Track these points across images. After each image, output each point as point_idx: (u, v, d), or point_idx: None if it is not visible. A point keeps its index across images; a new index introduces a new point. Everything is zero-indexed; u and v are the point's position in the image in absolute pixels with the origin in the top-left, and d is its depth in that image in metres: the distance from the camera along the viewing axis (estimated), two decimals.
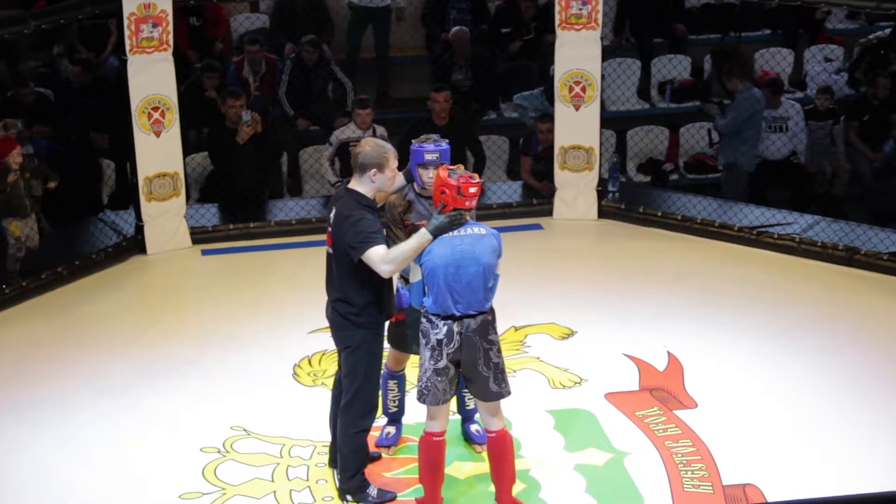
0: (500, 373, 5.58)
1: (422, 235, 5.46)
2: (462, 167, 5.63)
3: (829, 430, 6.52)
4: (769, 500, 5.83)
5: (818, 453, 6.29)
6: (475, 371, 5.53)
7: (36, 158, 8.88)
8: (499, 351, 5.59)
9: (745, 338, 7.58)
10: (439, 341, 5.50)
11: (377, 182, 5.60)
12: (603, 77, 9.63)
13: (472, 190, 5.49)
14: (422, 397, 5.60)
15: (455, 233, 5.48)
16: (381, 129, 9.73)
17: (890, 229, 8.94)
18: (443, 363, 5.51)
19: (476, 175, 5.57)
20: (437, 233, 5.44)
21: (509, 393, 5.65)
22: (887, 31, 11.80)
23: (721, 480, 6.04)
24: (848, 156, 10.41)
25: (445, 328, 5.49)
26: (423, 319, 5.57)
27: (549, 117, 9.66)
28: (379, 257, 5.45)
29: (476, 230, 5.52)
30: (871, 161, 10.34)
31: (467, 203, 5.50)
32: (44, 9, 9.00)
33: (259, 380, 7.14)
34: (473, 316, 5.49)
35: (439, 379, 5.53)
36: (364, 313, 5.62)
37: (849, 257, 8.71)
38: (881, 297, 8.22)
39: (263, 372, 7.23)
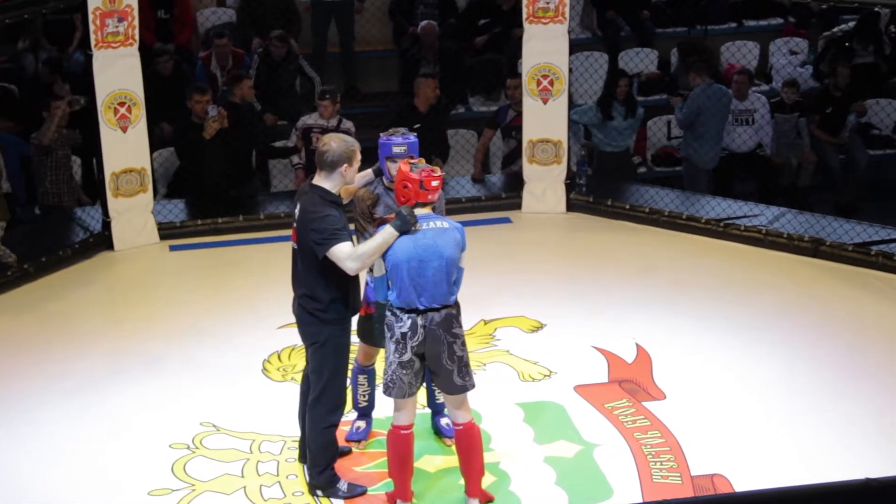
0: (464, 366, 5.59)
1: (387, 232, 5.46)
2: (423, 161, 5.64)
3: (797, 420, 6.57)
4: (737, 490, 5.87)
5: (786, 443, 6.34)
6: (439, 364, 5.54)
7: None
8: (463, 344, 5.60)
9: (713, 329, 7.63)
10: (403, 334, 5.51)
11: (347, 176, 5.60)
12: (570, 70, 9.66)
13: (435, 183, 5.50)
14: (387, 390, 5.61)
15: (418, 227, 5.48)
16: (348, 124, 9.73)
17: (854, 221, 9.01)
18: (407, 356, 5.52)
19: (438, 168, 5.59)
20: (402, 229, 5.45)
21: (473, 386, 5.66)
22: (851, 24, 11.89)
23: (690, 471, 6.07)
24: (814, 147, 10.49)
25: (409, 322, 5.49)
26: (388, 313, 5.58)
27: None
28: (345, 254, 5.44)
29: (439, 224, 5.53)
30: (838, 151, 10.42)
31: (430, 196, 5.51)
32: (7, 3, 8.94)
33: (228, 375, 7.12)
34: (437, 309, 5.50)
35: (404, 372, 5.54)
36: (330, 309, 5.62)
37: (814, 248, 8.78)
38: (846, 288, 8.29)
39: (233, 367, 7.22)
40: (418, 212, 5.51)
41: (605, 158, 10.17)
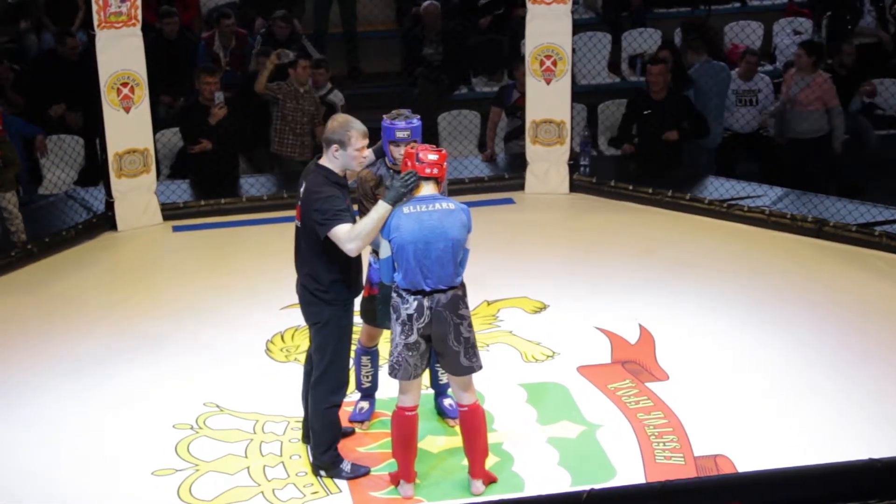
0: (470, 347, 5.59)
1: (381, 207, 5.45)
2: (433, 146, 5.63)
3: (800, 400, 6.57)
4: (740, 470, 5.88)
5: (788, 424, 6.34)
6: (445, 346, 5.55)
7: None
8: (469, 325, 5.60)
9: (716, 310, 7.62)
10: (409, 316, 5.51)
11: (340, 159, 5.56)
12: (574, 51, 9.63)
13: (431, 157, 5.48)
14: (393, 372, 5.62)
15: (423, 208, 5.47)
16: (339, 96, 9.80)
17: (858, 201, 9.00)
18: (413, 338, 5.53)
19: (434, 146, 5.58)
20: (395, 201, 5.44)
21: (480, 367, 5.67)
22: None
23: (692, 451, 6.08)
24: None
25: (415, 303, 5.49)
26: (394, 294, 5.57)
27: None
28: (343, 235, 5.43)
29: (445, 205, 5.52)
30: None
31: (427, 171, 5.48)
32: None
33: (232, 356, 7.13)
34: (443, 291, 5.50)
35: (410, 353, 5.54)
36: (332, 290, 5.62)
37: (818, 229, 8.77)
38: (850, 269, 8.28)
39: (236, 348, 7.22)
40: (424, 192, 5.50)
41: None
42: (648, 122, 9.49)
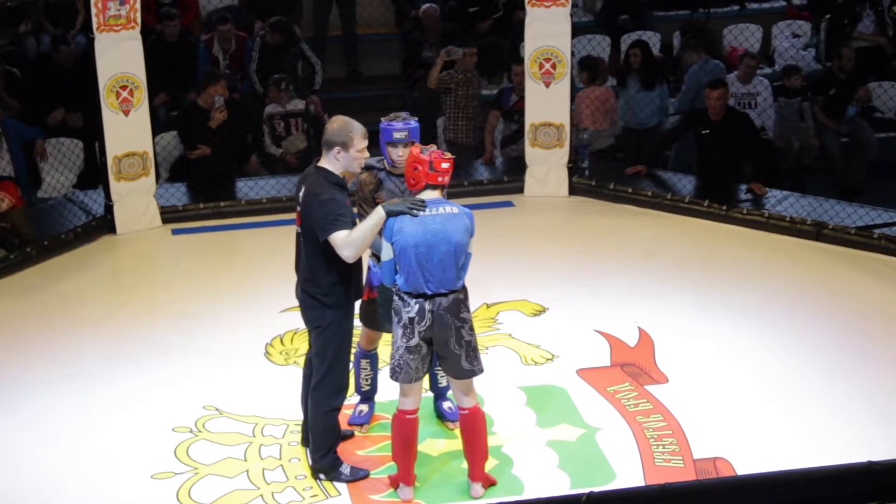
0: (472, 351, 5.60)
1: (377, 214, 5.45)
2: (434, 146, 5.64)
3: (799, 403, 6.57)
4: (739, 473, 5.88)
5: (788, 426, 6.35)
6: (447, 349, 5.55)
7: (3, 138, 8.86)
8: (471, 329, 5.60)
9: (715, 312, 7.63)
10: (411, 319, 5.51)
11: (342, 160, 5.57)
12: (573, 54, 9.64)
13: (445, 165, 5.50)
14: (394, 375, 5.61)
15: (427, 211, 5.48)
16: (311, 105, 9.88)
17: (857, 204, 9.01)
18: (415, 341, 5.52)
19: (448, 153, 5.58)
20: (393, 212, 5.45)
21: (482, 371, 5.67)
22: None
23: (692, 454, 6.08)
24: (815, 132, 10.46)
25: (417, 306, 5.50)
26: (395, 297, 5.57)
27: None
28: (340, 241, 5.42)
29: (448, 209, 5.52)
30: (838, 136, 10.39)
31: (439, 179, 5.50)
32: None
33: (231, 359, 7.13)
34: (445, 294, 5.50)
35: (411, 357, 5.54)
36: (332, 294, 5.61)
37: (817, 232, 8.77)
38: (848, 271, 8.28)
39: (235, 351, 7.22)
40: (428, 196, 5.51)
41: (626, 134, 10.19)
42: (707, 140, 9.40)
